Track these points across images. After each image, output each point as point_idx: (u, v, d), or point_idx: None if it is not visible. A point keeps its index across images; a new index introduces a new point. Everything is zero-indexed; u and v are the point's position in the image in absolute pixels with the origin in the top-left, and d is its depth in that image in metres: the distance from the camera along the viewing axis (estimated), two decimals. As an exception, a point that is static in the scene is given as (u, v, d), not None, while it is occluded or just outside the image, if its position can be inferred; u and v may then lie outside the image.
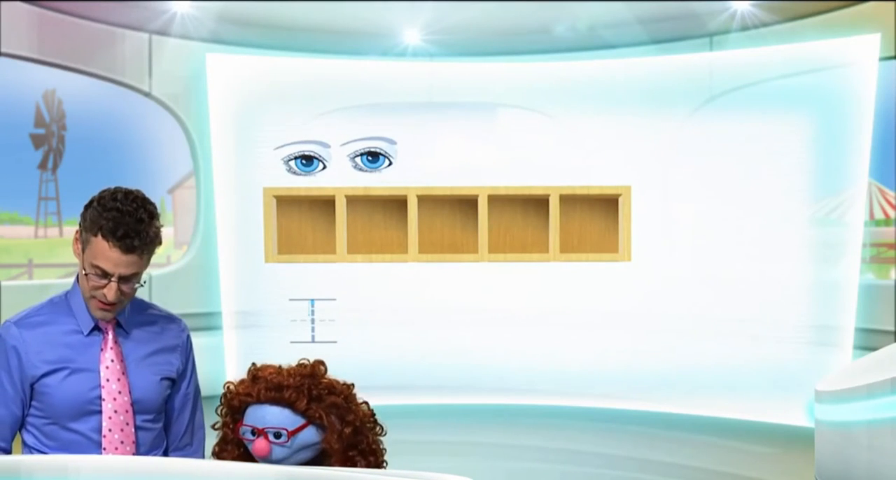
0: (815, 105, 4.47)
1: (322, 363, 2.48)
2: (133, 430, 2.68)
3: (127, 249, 2.56)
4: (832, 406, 2.99)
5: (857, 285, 4.46)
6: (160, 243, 2.65)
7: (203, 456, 2.80)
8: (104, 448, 2.64)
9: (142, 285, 2.65)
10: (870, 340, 4.39)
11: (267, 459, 2.37)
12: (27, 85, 4.51)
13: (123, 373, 2.67)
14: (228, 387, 2.45)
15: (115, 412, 2.65)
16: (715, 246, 4.48)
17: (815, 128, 4.47)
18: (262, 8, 4.48)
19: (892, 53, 4.39)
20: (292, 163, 4.48)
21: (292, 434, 2.37)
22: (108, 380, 2.65)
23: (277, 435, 2.37)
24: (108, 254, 2.56)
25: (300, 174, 4.49)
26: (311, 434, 2.39)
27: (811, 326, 4.49)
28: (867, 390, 2.73)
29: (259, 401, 2.39)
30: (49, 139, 4.59)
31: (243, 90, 4.52)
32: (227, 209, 4.52)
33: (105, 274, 2.58)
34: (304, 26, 4.52)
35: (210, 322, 4.47)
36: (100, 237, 2.56)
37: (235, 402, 2.42)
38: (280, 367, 2.45)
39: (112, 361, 2.66)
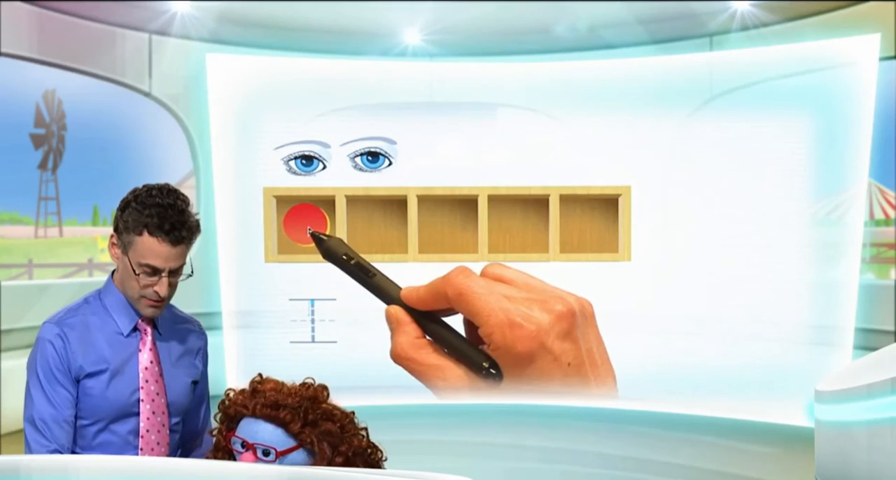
0: (815, 105, 4.46)
1: (325, 387, 2.46)
2: (168, 432, 2.68)
3: (176, 241, 2.58)
4: (832, 406, 2.98)
5: (857, 285, 4.45)
6: (200, 231, 2.67)
7: None
8: (141, 449, 2.63)
9: (191, 275, 2.66)
10: (870, 340, 4.39)
11: None
12: (27, 85, 4.50)
13: (161, 375, 2.67)
14: (228, 394, 2.43)
15: (153, 413, 2.65)
16: (715, 246, 4.48)
17: (815, 128, 4.46)
18: (262, 8, 4.48)
19: (892, 53, 4.39)
20: (292, 163, 4.48)
21: (280, 454, 2.34)
22: (146, 382, 2.65)
23: (266, 453, 2.34)
24: (157, 250, 2.57)
25: (300, 174, 4.49)
26: (299, 458, 2.37)
27: (811, 326, 4.48)
28: (867, 390, 2.72)
29: (254, 415, 2.37)
30: (49, 139, 4.59)
31: (243, 90, 4.52)
32: (227, 209, 4.52)
33: (155, 271, 2.59)
34: (304, 26, 4.52)
35: (210, 322, 4.46)
36: (146, 235, 2.57)
37: (231, 411, 2.40)
38: (283, 384, 2.42)
39: (151, 362, 2.66)
